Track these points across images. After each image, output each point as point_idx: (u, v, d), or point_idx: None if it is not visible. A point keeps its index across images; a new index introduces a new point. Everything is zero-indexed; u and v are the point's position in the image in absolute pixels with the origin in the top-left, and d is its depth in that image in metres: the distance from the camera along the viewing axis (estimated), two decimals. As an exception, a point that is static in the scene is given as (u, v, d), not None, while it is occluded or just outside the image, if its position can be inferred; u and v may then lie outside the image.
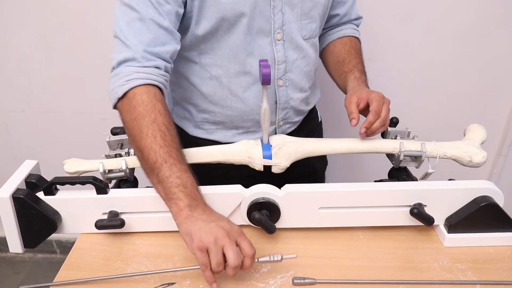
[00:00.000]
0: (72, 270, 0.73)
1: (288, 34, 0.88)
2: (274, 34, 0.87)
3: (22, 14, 1.42)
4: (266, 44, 0.88)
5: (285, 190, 0.77)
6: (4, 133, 1.67)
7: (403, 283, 0.70)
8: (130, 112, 0.73)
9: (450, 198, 0.77)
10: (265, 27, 0.86)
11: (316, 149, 0.82)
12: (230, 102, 0.92)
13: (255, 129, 0.97)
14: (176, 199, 0.68)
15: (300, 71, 0.94)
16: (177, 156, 0.70)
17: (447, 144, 0.81)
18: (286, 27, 0.87)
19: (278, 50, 0.89)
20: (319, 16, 0.92)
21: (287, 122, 0.99)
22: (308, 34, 0.92)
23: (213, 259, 0.64)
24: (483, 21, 1.37)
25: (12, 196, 0.72)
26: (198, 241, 0.64)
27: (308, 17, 0.89)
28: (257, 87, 0.90)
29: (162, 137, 0.70)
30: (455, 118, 1.52)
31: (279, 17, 0.86)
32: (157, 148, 0.70)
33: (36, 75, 1.53)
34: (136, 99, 0.73)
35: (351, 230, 0.81)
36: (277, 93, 0.93)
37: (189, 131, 1.00)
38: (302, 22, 0.89)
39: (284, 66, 0.91)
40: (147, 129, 0.71)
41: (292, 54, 0.91)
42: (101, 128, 1.48)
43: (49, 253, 1.97)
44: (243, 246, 0.65)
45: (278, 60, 0.90)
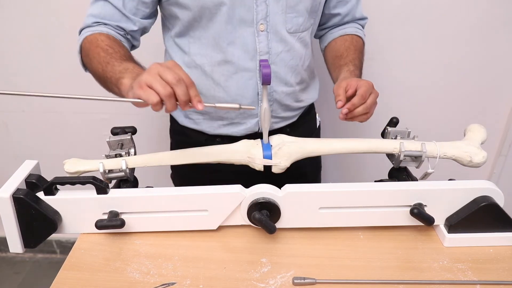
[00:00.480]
0: (72, 270, 0.73)
1: (272, 26, 0.89)
2: (257, 25, 0.88)
3: (22, 14, 1.42)
4: (248, 34, 0.89)
5: (285, 190, 0.77)
6: (4, 133, 1.67)
7: (403, 283, 0.70)
8: (84, 55, 0.89)
9: (450, 198, 0.77)
10: (247, 17, 0.87)
11: (316, 149, 0.82)
12: (213, 91, 0.95)
13: (239, 120, 0.98)
14: (121, 80, 0.75)
15: (285, 65, 0.94)
16: (118, 57, 0.81)
17: (447, 144, 0.81)
18: (270, 18, 0.88)
19: (260, 41, 0.90)
20: (306, 10, 0.92)
21: (272, 116, 0.99)
22: (293, 28, 0.92)
23: (156, 85, 0.64)
24: (483, 21, 1.37)
25: (12, 196, 0.72)
26: (136, 86, 0.67)
27: (294, 10, 0.90)
28: (239, 76, 0.93)
29: (104, 52, 0.83)
30: (455, 118, 1.52)
31: (262, 8, 0.87)
32: (100, 60, 0.82)
33: (36, 75, 1.53)
34: (85, 43, 0.88)
35: (351, 230, 0.81)
36: (258, 84, 0.93)
37: (179, 120, 1.04)
38: (287, 15, 0.90)
39: (267, 58, 0.92)
40: (92, 54, 0.85)
41: (277, 46, 0.91)
42: (101, 128, 1.48)
43: (49, 253, 1.97)
44: (177, 71, 0.67)
45: (260, 51, 0.91)
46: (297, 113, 1.06)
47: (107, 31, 0.89)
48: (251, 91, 0.94)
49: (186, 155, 0.81)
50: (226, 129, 1.00)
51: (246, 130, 0.99)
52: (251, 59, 0.91)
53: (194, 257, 0.76)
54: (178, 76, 0.66)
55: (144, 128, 1.21)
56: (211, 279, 0.71)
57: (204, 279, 0.71)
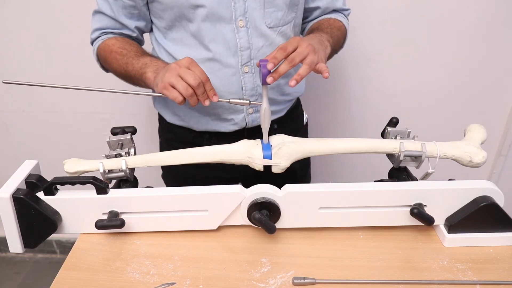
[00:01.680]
0: (72, 270, 0.73)
1: (252, 21, 0.90)
2: (236, 21, 0.89)
3: (22, 14, 1.42)
4: (228, 31, 0.90)
5: (285, 190, 0.77)
6: (4, 133, 1.67)
7: (403, 283, 0.70)
8: (103, 61, 1.00)
9: (450, 198, 0.77)
10: (226, 14, 0.89)
11: (316, 149, 0.82)
12: None
13: (226, 116, 0.99)
14: (145, 75, 0.86)
15: None
16: (134, 56, 0.91)
17: (447, 144, 0.81)
18: (248, 14, 0.89)
19: (241, 37, 0.91)
20: (285, 4, 0.92)
21: (257, 111, 1.00)
22: (273, 23, 0.93)
23: (179, 87, 0.76)
24: (483, 21, 1.37)
25: (12, 196, 0.72)
26: (160, 84, 0.79)
27: (272, 5, 0.91)
28: (223, 73, 0.94)
29: (120, 55, 0.93)
30: (455, 118, 1.52)
31: (240, 5, 0.88)
32: (120, 63, 0.93)
33: (36, 75, 1.53)
34: (99, 52, 0.99)
35: (351, 230, 0.81)
36: (242, 80, 0.95)
37: (167, 118, 1.06)
38: (266, 10, 0.91)
39: (248, 53, 0.93)
40: (111, 60, 0.95)
41: (257, 41, 0.93)
42: (101, 128, 1.48)
43: (49, 253, 1.97)
44: (194, 69, 0.78)
45: (241, 46, 0.92)
46: (283, 107, 1.06)
47: (114, 36, 0.98)
48: (235, 87, 0.96)
49: (186, 155, 0.81)
50: (214, 125, 1.01)
51: (234, 126, 1.01)
52: (233, 55, 0.93)
53: (194, 257, 0.76)
54: (197, 77, 0.77)
55: (144, 128, 1.21)
56: (211, 279, 0.71)
57: (204, 279, 0.71)
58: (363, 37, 1.41)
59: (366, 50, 1.45)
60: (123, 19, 0.96)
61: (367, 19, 1.38)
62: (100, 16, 0.97)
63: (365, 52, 1.45)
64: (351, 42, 1.42)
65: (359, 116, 1.56)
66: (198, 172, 0.97)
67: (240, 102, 0.81)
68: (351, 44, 1.43)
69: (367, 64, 1.47)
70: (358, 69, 1.48)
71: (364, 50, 1.44)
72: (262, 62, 0.75)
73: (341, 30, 1.03)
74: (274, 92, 1.00)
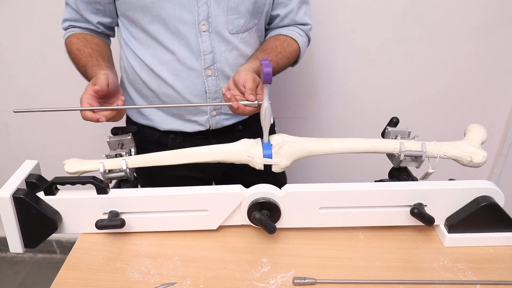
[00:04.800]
0: (72, 270, 0.73)
1: (214, 27, 0.92)
2: (199, 25, 0.91)
3: (22, 14, 1.42)
4: (191, 35, 0.92)
5: (286, 190, 0.77)
6: (4, 133, 1.67)
7: (403, 283, 0.70)
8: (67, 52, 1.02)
9: (450, 198, 0.77)
10: (188, 18, 0.90)
11: (316, 148, 0.82)
12: (164, 89, 0.98)
13: (189, 117, 1.01)
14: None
15: (229, 63, 0.96)
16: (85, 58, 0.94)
17: (447, 144, 0.81)
18: (212, 20, 0.91)
19: (203, 41, 0.92)
20: (247, 12, 0.93)
21: (221, 113, 1.02)
22: (235, 29, 0.94)
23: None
24: (483, 21, 1.37)
25: (12, 196, 0.72)
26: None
27: (235, 12, 0.92)
28: (186, 75, 0.96)
29: (76, 57, 0.96)
30: (455, 118, 1.53)
31: (203, 10, 0.89)
32: (78, 65, 0.96)
33: (36, 75, 1.53)
34: (66, 45, 1.02)
35: (351, 230, 0.81)
36: (205, 82, 0.96)
37: (133, 117, 1.08)
38: (229, 16, 0.92)
39: (211, 57, 0.94)
40: (72, 58, 0.99)
41: (220, 46, 0.94)
42: (101, 128, 1.48)
43: (49, 253, 1.97)
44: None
45: (204, 50, 0.93)
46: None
47: (80, 31, 1.00)
48: (199, 89, 0.97)
49: (186, 155, 0.81)
50: (178, 125, 1.03)
51: (198, 127, 1.02)
52: (197, 58, 0.94)
53: (194, 257, 0.76)
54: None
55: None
56: (211, 279, 0.71)
57: (204, 279, 0.71)
58: (363, 37, 1.41)
59: (366, 50, 1.45)
60: (87, 14, 0.98)
61: (367, 19, 1.38)
62: (68, 8, 1.00)
63: (365, 52, 1.45)
64: (351, 42, 1.43)
65: (359, 116, 1.56)
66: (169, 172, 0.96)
67: (247, 103, 0.80)
68: (351, 44, 1.43)
69: (367, 64, 1.47)
70: (358, 69, 1.48)
71: (364, 50, 1.44)
72: (263, 61, 0.75)
73: (289, 57, 1.02)
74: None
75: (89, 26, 1.00)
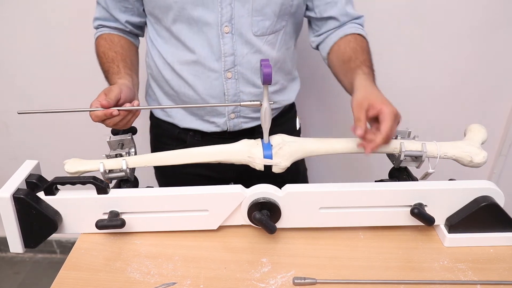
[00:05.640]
0: (73, 270, 0.73)
1: (237, 28, 0.90)
2: (221, 27, 0.89)
3: (22, 14, 1.42)
4: (213, 36, 0.90)
5: (286, 190, 0.77)
6: (4, 133, 1.67)
7: (403, 283, 0.70)
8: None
9: (450, 198, 0.77)
10: (211, 19, 0.88)
11: (316, 149, 0.82)
12: (183, 89, 0.98)
13: (208, 118, 1.01)
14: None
15: (251, 67, 0.95)
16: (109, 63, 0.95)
17: (447, 144, 0.81)
18: (235, 21, 0.89)
19: (225, 42, 0.91)
20: (274, 14, 0.91)
21: (240, 116, 1.00)
22: (260, 31, 0.92)
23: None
24: (483, 21, 1.37)
25: (12, 196, 0.72)
26: None
27: (260, 14, 0.90)
28: (206, 76, 0.95)
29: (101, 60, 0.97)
30: (455, 118, 1.52)
31: (227, 11, 0.88)
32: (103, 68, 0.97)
33: (36, 75, 1.53)
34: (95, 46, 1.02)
35: (351, 230, 0.81)
36: (225, 85, 0.95)
37: (155, 113, 1.09)
38: (253, 18, 0.90)
39: (232, 59, 0.93)
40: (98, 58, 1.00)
41: (242, 48, 0.92)
42: (101, 128, 1.48)
43: (49, 253, 1.97)
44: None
45: (225, 52, 0.92)
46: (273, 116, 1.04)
47: (107, 32, 1.00)
48: (218, 91, 0.96)
49: (186, 155, 0.81)
50: (197, 125, 1.02)
51: (216, 128, 1.02)
52: (217, 60, 0.93)
53: (195, 257, 0.76)
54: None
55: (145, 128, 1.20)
56: (211, 279, 0.71)
57: (204, 279, 0.71)
58: (363, 37, 1.41)
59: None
60: (116, 13, 0.99)
61: (366, 19, 1.38)
62: (99, 7, 1.00)
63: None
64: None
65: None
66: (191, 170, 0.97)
67: (251, 104, 0.79)
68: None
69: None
70: (358, 69, 1.47)
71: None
72: (263, 62, 0.75)
73: (370, 52, 0.98)
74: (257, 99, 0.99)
75: (117, 26, 1.00)
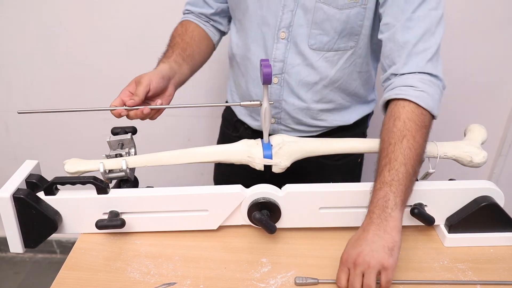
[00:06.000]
0: (73, 270, 0.73)
1: (294, 37, 0.88)
2: (278, 32, 0.88)
3: (22, 14, 1.42)
4: (269, 38, 0.90)
5: (286, 190, 0.77)
6: (4, 133, 1.67)
7: (403, 283, 0.70)
8: None
9: (450, 198, 0.77)
10: (271, 21, 0.88)
11: (316, 149, 0.82)
12: (240, 81, 1.01)
13: (255, 116, 1.02)
14: None
15: (299, 79, 0.91)
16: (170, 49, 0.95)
17: (447, 144, 0.81)
18: (293, 29, 0.87)
19: (278, 48, 0.90)
20: (334, 31, 0.85)
21: (280, 123, 0.99)
22: (316, 45, 0.87)
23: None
24: (483, 21, 1.37)
25: (12, 196, 0.72)
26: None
27: (319, 27, 0.85)
28: (254, 76, 0.96)
29: (170, 41, 0.98)
30: (455, 118, 1.52)
31: (287, 17, 0.86)
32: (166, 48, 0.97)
33: (36, 75, 1.53)
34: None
35: (352, 230, 0.81)
36: (269, 88, 0.94)
37: (227, 96, 1.12)
38: (312, 30, 0.86)
39: (281, 65, 0.91)
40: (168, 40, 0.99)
41: (294, 57, 0.90)
42: (101, 128, 1.48)
43: (49, 253, 1.97)
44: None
45: (276, 57, 0.91)
46: (315, 130, 1.00)
47: (190, 18, 1.02)
48: (261, 93, 0.93)
49: (186, 155, 0.81)
50: (248, 119, 1.04)
51: (259, 127, 1.02)
52: None
53: (195, 257, 0.76)
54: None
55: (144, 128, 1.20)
56: (211, 279, 0.71)
57: (204, 279, 0.71)
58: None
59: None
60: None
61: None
62: None
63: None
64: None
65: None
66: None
67: (250, 104, 0.79)
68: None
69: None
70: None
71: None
72: (263, 62, 0.75)
73: (419, 141, 0.72)
74: (300, 113, 0.96)
75: (204, 11, 1.01)
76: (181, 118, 1.57)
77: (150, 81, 0.81)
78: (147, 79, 0.81)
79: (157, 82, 0.83)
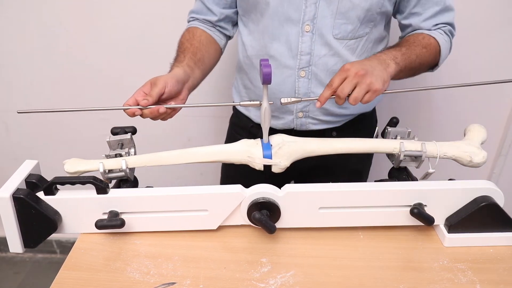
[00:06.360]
0: (72, 270, 0.73)
1: (318, 28, 0.90)
2: (302, 25, 0.89)
3: (22, 14, 1.42)
4: (293, 33, 0.91)
5: (285, 190, 0.77)
6: (4, 133, 1.67)
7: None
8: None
9: (450, 198, 0.77)
10: (294, 16, 0.89)
11: (316, 148, 0.82)
12: (258, 82, 1.00)
13: (277, 114, 1.03)
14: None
15: (327, 69, 0.94)
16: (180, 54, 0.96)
17: (447, 144, 0.81)
18: (317, 21, 0.89)
19: (304, 41, 0.91)
20: (358, 19, 0.90)
21: (308, 116, 1.00)
22: (340, 34, 0.91)
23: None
24: (483, 21, 1.37)
25: (12, 196, 0.72)
26: None
27: (344, 17, 0.89)
28: (279, 72, 0.95)
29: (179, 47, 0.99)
30: (455, 118, 1.52)
31: (311, 10, 0.88)
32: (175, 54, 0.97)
33: (36, 75, 1.53)
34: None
35: (351, 230, 0.81)
36: (297, 83, 0.95)
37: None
38: (336, 20, 0.89)
39: (308, 58, 0.93)
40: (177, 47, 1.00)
41: (320, 49, 0.92)
42: (101, 128, 1.48)
43: (49, 253, 1.97)
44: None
45: (302, 51, 0.92)
46: (341, 119, 1.04)
47: (196, 25, 1.03)
48: (289, 87, 0.96)
49: (186, 155, 0.81)
50: (275, 121, 1.04)
51: (283, 125, 1.03)
52: (293, 57, 0.94)
53: (194, 257, 0.76)
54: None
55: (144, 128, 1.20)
56: (211, 279, 0.71)
57: (204, 279, 0.71)
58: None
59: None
60: (210, 4, 1.01)
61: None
62: (197, 2, 1.03)
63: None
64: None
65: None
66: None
67: (251, 104, 0.79)
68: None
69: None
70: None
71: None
72: (263, 62, 0.75)
73: (429, 48, 0.95)
74: (328, 102, 0.95)
75: (209, 18, 1.02)
76: (181, 118, 1.57)
77: (165, 84, 0.81)
78: (162, 81, 0.81)
79: (172, 85, 0.83)
